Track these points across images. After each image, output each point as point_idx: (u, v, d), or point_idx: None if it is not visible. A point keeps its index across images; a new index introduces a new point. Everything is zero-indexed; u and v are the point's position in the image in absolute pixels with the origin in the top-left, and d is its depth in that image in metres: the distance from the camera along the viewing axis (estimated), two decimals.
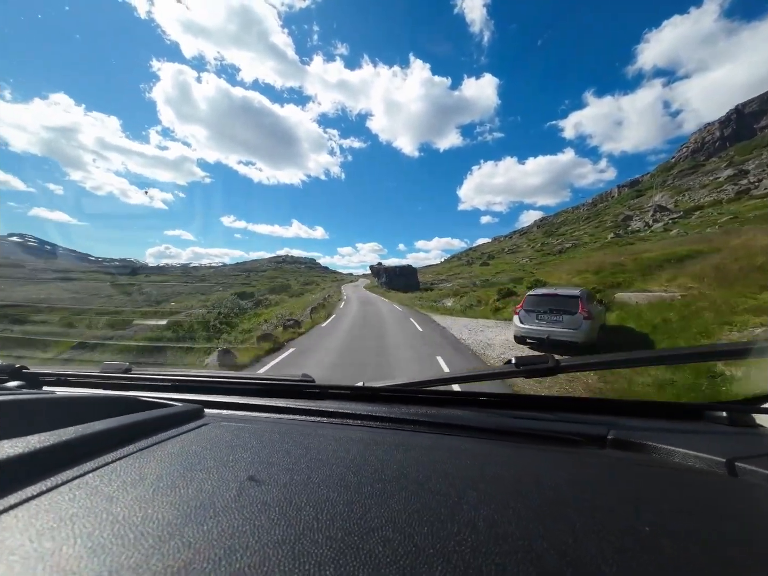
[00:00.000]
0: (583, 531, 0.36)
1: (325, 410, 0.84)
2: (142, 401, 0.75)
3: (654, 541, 0.35)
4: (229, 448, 0.55)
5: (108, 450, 0.49)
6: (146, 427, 0.59)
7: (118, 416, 0.58)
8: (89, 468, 0.44)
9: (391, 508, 0.39)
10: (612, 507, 0.41)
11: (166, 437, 0.57)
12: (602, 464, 0.56)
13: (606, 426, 0.70)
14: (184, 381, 1.05)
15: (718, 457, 0.54)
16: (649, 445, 0.62)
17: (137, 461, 0.47)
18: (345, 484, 0.45)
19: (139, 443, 0.53)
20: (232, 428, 0.66)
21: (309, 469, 0.48)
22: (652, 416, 0.82)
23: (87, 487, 0.40)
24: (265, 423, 0.74)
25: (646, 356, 0.96)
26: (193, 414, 0.72)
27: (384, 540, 0.33)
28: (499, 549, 0.33)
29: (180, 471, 0.46)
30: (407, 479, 0.46)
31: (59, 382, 1.05)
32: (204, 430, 0.63)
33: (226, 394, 0.99)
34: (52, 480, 0.40)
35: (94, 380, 1.08)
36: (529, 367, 0.83)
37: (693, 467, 0.55)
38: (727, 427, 0.74)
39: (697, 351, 0.85)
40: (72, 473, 0.42)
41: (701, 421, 0.78)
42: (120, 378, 1.07)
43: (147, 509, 0.37)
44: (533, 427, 0.73)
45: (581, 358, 0.97)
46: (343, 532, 0.34)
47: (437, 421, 0.76)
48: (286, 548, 0.31)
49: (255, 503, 0.39)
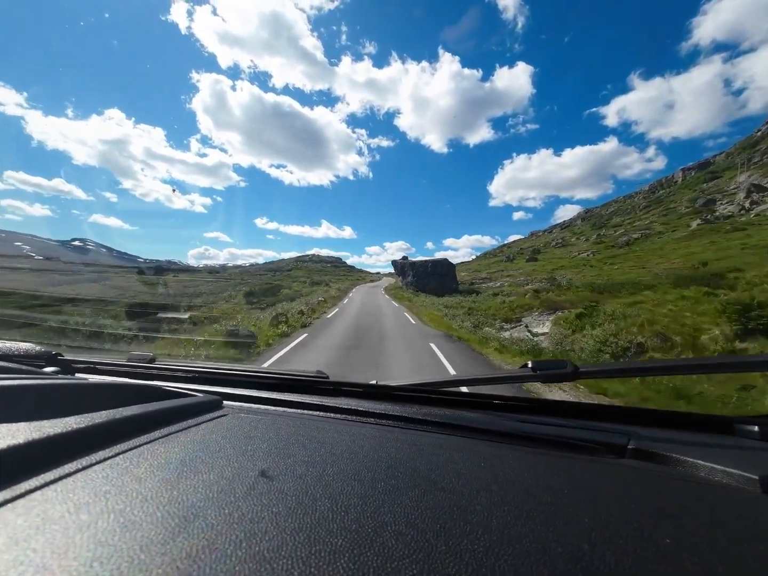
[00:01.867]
0: (599, 538, 0.35)
1: (339, 407, 0.85)
2: (165, 390, 0.77)
3: (675, 554, 0.33)
4: (247, 438, 0.57)
5: (136, 434, 0.51)
6: (170, 414, 0.62)
7: (143, 404, 0.61)
8: (120, 450, 0.46)
9: (404, 504, 0.39)
10: (630, 517, 0.40)
11: (188, 425, 0.60)
12: (621, 474, 0.54)
13: (626, 435, 0.68)
14: (204, 373, 1.11)
15: (750, 474, 0.51)
16: (673, 457, 0.59)
17: (162, 446, 0.49)
18: (359, 478, 0.45)
19: (163, 430, 0.56)
20: (250, 419, 0.68)
21: (324, 463, 0.49)
22: (677, 427, 0.79)
23: (118, 467, 0.42)
24: (281, 416, 0.75)
25: (670, 365, 0.96)
26: (213, 404, 0.75)
27: (397, 534, 0.34)
28: (512, 550, 0.32)
29: (202, 457, 0.47)
30: (420, 477, 0.47)
31: (90, 369, 1.12)
32: (223, 420, 0.65)
33: (243, 387, 1.01)
34: (87, 459, 0.42)
35: (121, 369, 1.15)
36: (546, 372, 0.83)
37: (720, 482, 0.52)
38: (760, 442, 0.69)
39: (726, 361, 0.80)
40: (104, 454, 0.44)
41: (730, 435, 0.73)
42: (145, 368, 1.14)
43: (173, 491, 0.38)
44: (549, 432, 0.71)
45: (601, 364, 0.85)
46: (357, 524, 0.35)
47: (450, 422, 0.76)
48: (303, 535, 0.32)
49: (273, 491, 0.40)
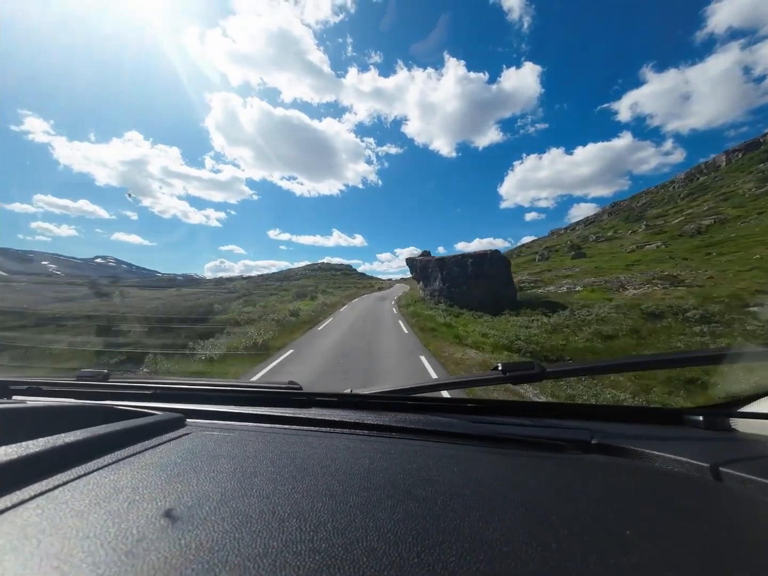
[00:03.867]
0: (566, 535, 0.36)
1: (312, 418, 0.82)
2: (118, 410, 0.72)
3: (636, 544, 0.35)
4: (211, 458, 0.54)
5: (80, 462, 0.46)
6: (122, 437, 0.56)
7: (91, 427, 0.55)
8: (59, 482, 0.42)
9: (376, 517, 0.39)
10: (595, 511, 0.42)
11: (144, 447, 0.55)
12: (586, 469, 0.57)
13: (590, 431, 0.71)
14: (165, 389, 1.04)
15: (701, 462, 0.55)
16: (632, 450, 0.63)
17: (112, 473, 0.45)
18: (330, 493, 0.44)
19: (114, 454, 0.51)
20: (215, 437, 0.64)
21: (294, 479, 0.47)
22: (635, 421, 0.85)
23: (56, 501, 0.38)
24: (250, 432, 0.72)
25: (628, 362, 1.04)
26: (173, 423, 0.70)
27: (369, 550, 0.33)
28: (483, 556, 0.32)
29: (158, 483, 0.44)
30: (394, 487, 0.46)
31: (30, 391, 1.03)
32: (185, 440, 0.61)
33: (209, 403, 0.96)
34: (17, 495, 0.38)
35: (68, 389, 1.07)
36: (515, 373, 0.84)
37: (673, 471, 0.57)
38: (705, 431, 0.75)
39: (676, 357, 0.88)
40: (39, 487, 0.40)
41: (681, 426, 0.80)
42: (96, 386, 1.06)
43: (120, 524, 0.35)
44: (519, 433, 0.74)
45: (566, 364, 0.93)
46: (328, 543, 0.33)
47: (424, 428, 0.76)
48: (268, 561, 0.30)
49: (236, 515, 0.38)
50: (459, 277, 21.93)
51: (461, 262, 22.63)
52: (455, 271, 22.43)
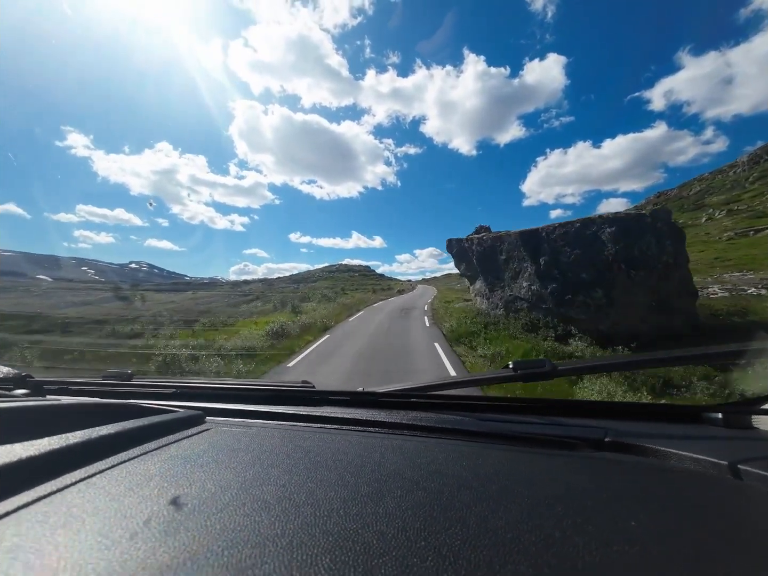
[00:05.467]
0: (570, 525, 0.37)
1: (325, 416, 0.85)
2: (143, 408, 0.75)
3: (642, 535, 0.36)
4: (230, 451, 0.57)
5: (113, 453, 0.51)
6: (148, 431, 0.61)
7: (119, 422, 0.59)
8: (96, 470, 0.46)
9: (386, 505, 0.41)
10: (603, 505, 0.43)
11: (169, 441, 0.59)
12: (598, 466, 0.57)
13: (603, 429, 0.70)
14: (186, 388, 1.09)
15: (719, 460, 0.54)
16: (647, 448, 0.63)
17: (141, 464, 0.50)
18: (343, 484, 0.46)
19: (142, 447, 0.55)
20: (233, 433, 0.67)
21: (308, 470, 0.50)
22: (650, 419, 0.84)
23: (95, 487, 0.42)
24: (266, 428, 0.75)
25: (642, 359, 1.01)
26: (194, 420, 0.73)
27: (379, 533, 0.35)
28: (487, 541, 0.34)
29: (183, 472, 0.48)
30: (403, 479, 0.48)
31: (62, 390, 1.09)
32: (205, 435, 0.65)
33: (227, 402, 1.00)
34: (62, 480, 0.42)
35: (95, 388, 1.13)
36: (526, 371, 0.84)
37: (689, 469, 0.56)
38: (724, 429, 0.74)
39: (693, 354, 0.85)
40: (80, 474, 0.44)
41: (698, 424, 0.78)
42: (121, 385, 1.12)
43: (153, 506, 0.39)
44: (531, 431, 0.74)
45: (577, 361, 0.98)
46: (340, 527, 0.36)
47: (435, 425, 0.77)
48: (285, 541, 0.34)
49: (256, 501, 0.41)
50: (580, 267, 10.06)
51: (583, 235, 10.25)
52: (570, 258, 10.29)
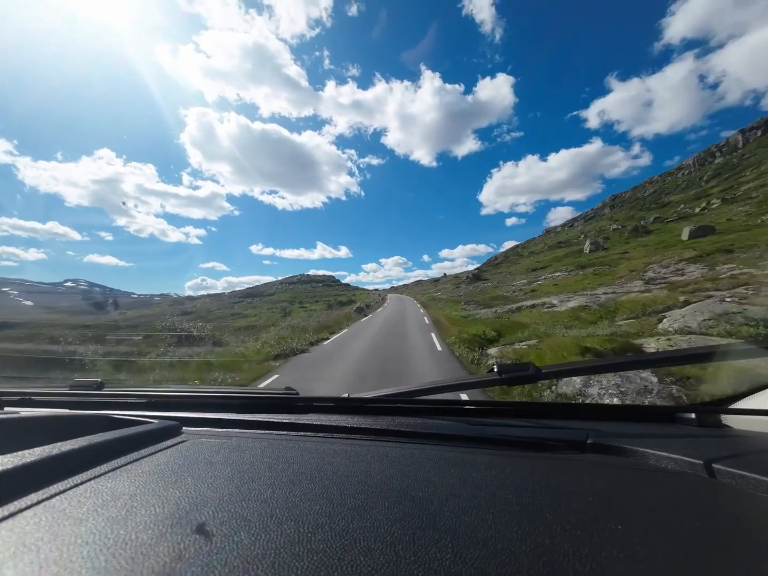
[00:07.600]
0: (559, 532, 0.37)
1: (309, 424, 0.82)
2: (114, 419, 0.71)
3: (626, 538, 0.36)
4: (207, 464, 0.54)
5: (77, 471, 0.47)
6: (118, 445, 0.56)
7: (87, 435, 0.54)
8: (56, 490, 0.42)
9: (373, 518, 0.39)
10: (588, 508, 0.42)
11: (141, 456, 0.55)
12: (581, 468, 0.58)
13: (585, 431, 0.71)
14: (161, 397, 1.03)
15: (694, 459, 0.55)
16: (627, 449, 0.64)
17: (109, 481, 0.45)
18: (328, 497, 0.44)
19: (111, 463, 0.51)
20: (212, 444, 0.64)
21: (291, 484, 0.48)
22: (629, 420, 0.87)
23: (53, 510, 0.38)
24: (247, 438, 0.71)
25: (621, 361, 1.06)
26: (170, 431, 0.69)
27: (366, 550, 0.33)
28: (478, 553, 0.33)
29: (155, 489, 0.44)
30: (390, 489, 0.47)
31: (23, 402, 1.01)
32: (181, 447, 0.61)
33: (205, 410, 0.95)
34: (14, 505, 0.38)
35: (61, 399, 1.05)
36: (510, 374, 0.84)
37: (667, 468, 0.57)
38: (697, 428, 0.76)
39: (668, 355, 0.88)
40: (36, 497, 0.40)
41: (673, 424, 0.80)
42: (90, 395, 1.05)
43: (119, 530, 0.35)
44: (515, 434, 0.75)
45: (561, 365, 0.99)
46: (325, 544, 0.34)
47: (421, 431, 0.77)
48: (267, 562, 0.31)
49: (235, 519, 0.38)
50: None
51: None
52: None
